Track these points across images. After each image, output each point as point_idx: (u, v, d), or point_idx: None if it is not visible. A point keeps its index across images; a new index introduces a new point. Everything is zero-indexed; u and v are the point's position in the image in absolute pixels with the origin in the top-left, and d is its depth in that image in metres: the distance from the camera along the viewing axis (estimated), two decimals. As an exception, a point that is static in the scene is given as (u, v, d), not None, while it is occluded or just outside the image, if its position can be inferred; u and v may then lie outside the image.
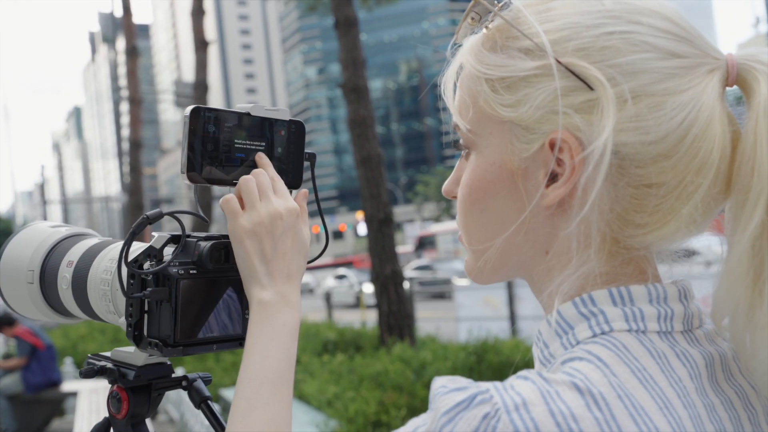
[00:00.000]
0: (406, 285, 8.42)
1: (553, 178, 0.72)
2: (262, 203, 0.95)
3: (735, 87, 0.73)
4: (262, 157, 1.00)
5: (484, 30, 0.77)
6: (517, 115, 0.73)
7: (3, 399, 8.53)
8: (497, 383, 0.63)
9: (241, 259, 0.94)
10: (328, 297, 16.95)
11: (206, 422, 4.02)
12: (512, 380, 0.63)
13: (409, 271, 26.99)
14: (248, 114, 0.95)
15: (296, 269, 0.96)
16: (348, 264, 44.14)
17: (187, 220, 0.98)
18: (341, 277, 29.32)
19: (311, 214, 1.09)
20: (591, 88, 0.69)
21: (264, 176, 0.97)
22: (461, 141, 0.80)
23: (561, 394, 0.60)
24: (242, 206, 0.95)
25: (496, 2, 0.77)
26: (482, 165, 0.77)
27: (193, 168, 0.90)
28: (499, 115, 0.74)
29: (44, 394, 8.60)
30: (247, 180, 0.96)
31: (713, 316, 0.73)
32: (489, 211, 0.77)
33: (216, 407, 1.06)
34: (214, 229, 1.05)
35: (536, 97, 0.71)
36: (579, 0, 0.74)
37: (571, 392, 0.61)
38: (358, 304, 19.69)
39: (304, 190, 1.01)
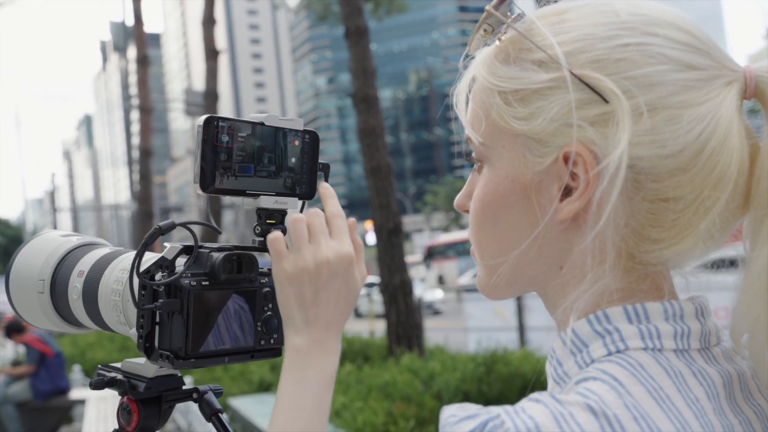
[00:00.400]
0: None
1: (567, 192, 0.71)
2: (310, 247, 0.89)
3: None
4: (326, 188, 0.95)
5: (497, 42, 0.76)
6: (531, 128, 0.72)
7: (11, 406, 8.54)
8: (508, 407, 0.62)
9: (280, 302, 0.90)
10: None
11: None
12: (524, 403, 0.62)
13: (469, 279, 26.50)
14: (262, 124, 0.94)
15: (338, 316, 0.91)
16: None
17: (198, 230, 0.97)
18: (369, 285, 27.49)
19: None
20: (606, 101, 0.68)
21: (318, 217, 0.92)
22: (473, 154, 0.79)
23: (575, 416, 0.59)
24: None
25: (509, 14, 0.76)
26: (495, 179, 0.76)
27: (205, 178, 0.90)
28: (512, 128, 0.73)
29: (52, 401, 8.62)
30: (296, 220, 0.90)
31: (732, 333, 0.72)
32: (502, 225, 0.76)
33: (224, 417, 1.05)
34: (224, 239, 1.03)
35: (550, 110, 0.70)
36: (593, 11, 0.72)
37: (585, 414, 0.59)
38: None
39: (351, 219, 0.96)
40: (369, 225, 10.24)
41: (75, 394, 8.79)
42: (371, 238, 9.13)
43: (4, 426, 8.65)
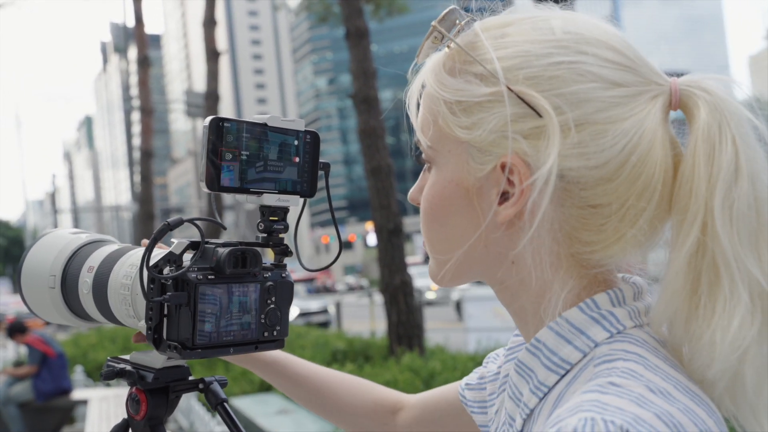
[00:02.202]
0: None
1: (506, 196, 0.76)
2: None
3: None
4: None
5: (446, 49, 0.81)
6: (473, 137, 0.77)
7: (14, 406, 8.57)
8: (597, 409, 0.63)
9: None
10: (458, 306, 15.09)
11: (216, 430, 4.04)
12: (605, 398, 0.64)
13: None
14: (265, 125, 0.97)
15: None
16: (310, 280, 41.86)
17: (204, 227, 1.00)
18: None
19: (324, 224, 1.08)
20: (540, 116, 0.73)
21: None
22: (423, 155, 0.84)
23: (646, 397, 0.64)
24: None
25: (458, 22, 0.81)
26: (441, 181, 0.81)
27: (212, 177, 0.93)
28: (456, 135, 0.78)
29: (54, 401, 8.64)
30: None
31: (653, 324, 0.77)
32: (448, 225, 0.81)
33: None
34: (225, 237, 1.07)
35: (490, 122, 0.75)
36: (532, 27, 0.78)
37: (653, 396, 0.65)
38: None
39: None
40: (369, 226, 10.24)
41: (77, 394, 8.81)
42: (372, 239, 9.13)
43: (7, 426, 8.67)
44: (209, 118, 0.92)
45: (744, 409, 0.72)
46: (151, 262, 0.94)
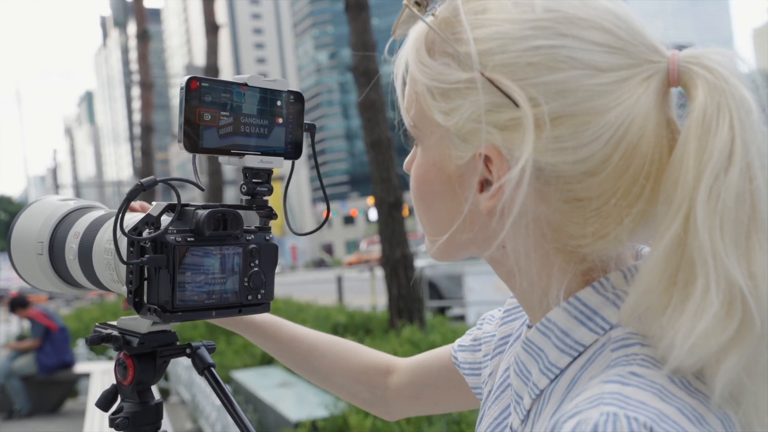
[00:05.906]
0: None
1: (488, 184, 0.72)
2: None
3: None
4: None
5: (431, 17, 0.75)
6: (451, 124, 0.72)
7: (17, 380, 8.64)
8: (619, 404, 0.59)
9: None
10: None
11: (217, 403, 4.07)
12: (626, 390, 0.61)
13: None
14: (245, 84, 0.95)
15: None
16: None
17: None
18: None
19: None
20: (517, 106, 0.67)
21: None
22: (409, 132, 0.81)
23: (667, 388, 0.62)
24: None
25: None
26: (425, 164, 0.78)
27: (190, 138, 0.91)
28: (436, 119, 0.74)
29: (57, 375, 8.72)
30: None
31: (623, 317, 0.71)
32: (434, 210, 0.79)
33: (228, 389, 1.06)
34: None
35: (467, 109, 0.70)
36: (513, 3, 0.70)
37: (672, 386, 0.62)
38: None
39: None
40: (371, 201, 10.22)
41: (80, 367, 8.88)
42: (373, 214, 9.11)
43: (10, 399, 8.74)
44: (185, 77, 0.90)
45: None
46: (131, 225, 0.93)
